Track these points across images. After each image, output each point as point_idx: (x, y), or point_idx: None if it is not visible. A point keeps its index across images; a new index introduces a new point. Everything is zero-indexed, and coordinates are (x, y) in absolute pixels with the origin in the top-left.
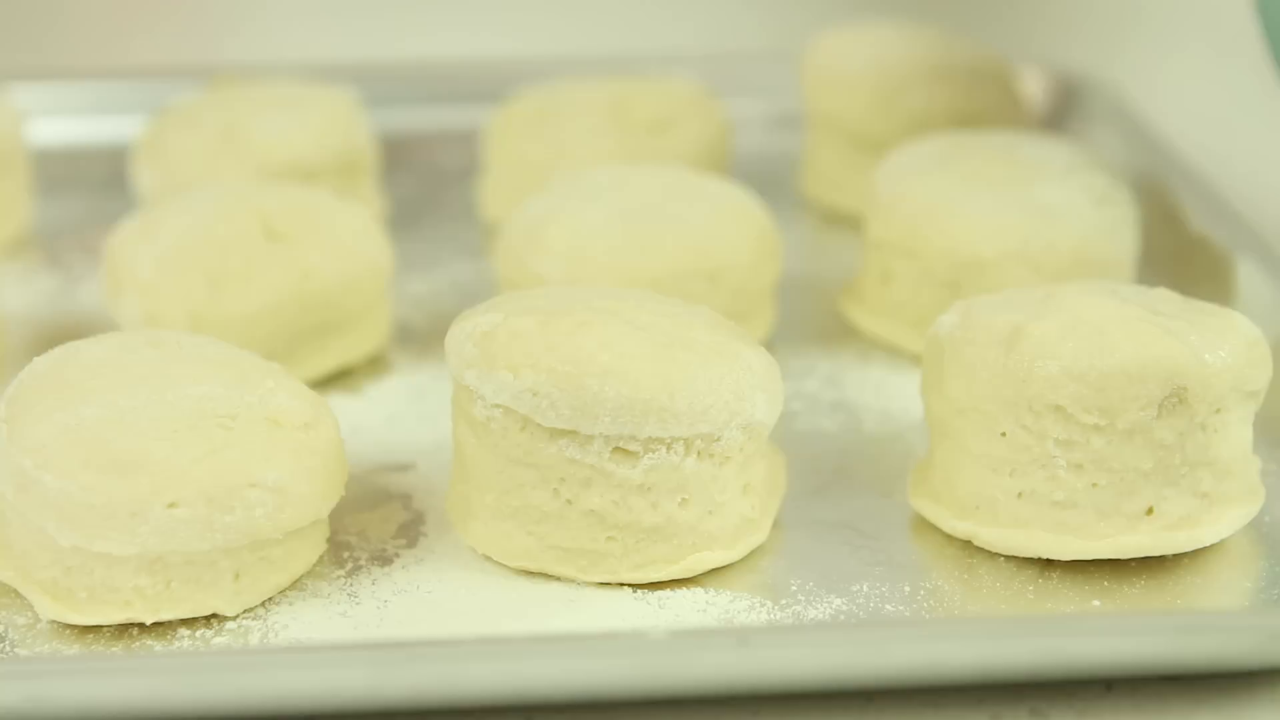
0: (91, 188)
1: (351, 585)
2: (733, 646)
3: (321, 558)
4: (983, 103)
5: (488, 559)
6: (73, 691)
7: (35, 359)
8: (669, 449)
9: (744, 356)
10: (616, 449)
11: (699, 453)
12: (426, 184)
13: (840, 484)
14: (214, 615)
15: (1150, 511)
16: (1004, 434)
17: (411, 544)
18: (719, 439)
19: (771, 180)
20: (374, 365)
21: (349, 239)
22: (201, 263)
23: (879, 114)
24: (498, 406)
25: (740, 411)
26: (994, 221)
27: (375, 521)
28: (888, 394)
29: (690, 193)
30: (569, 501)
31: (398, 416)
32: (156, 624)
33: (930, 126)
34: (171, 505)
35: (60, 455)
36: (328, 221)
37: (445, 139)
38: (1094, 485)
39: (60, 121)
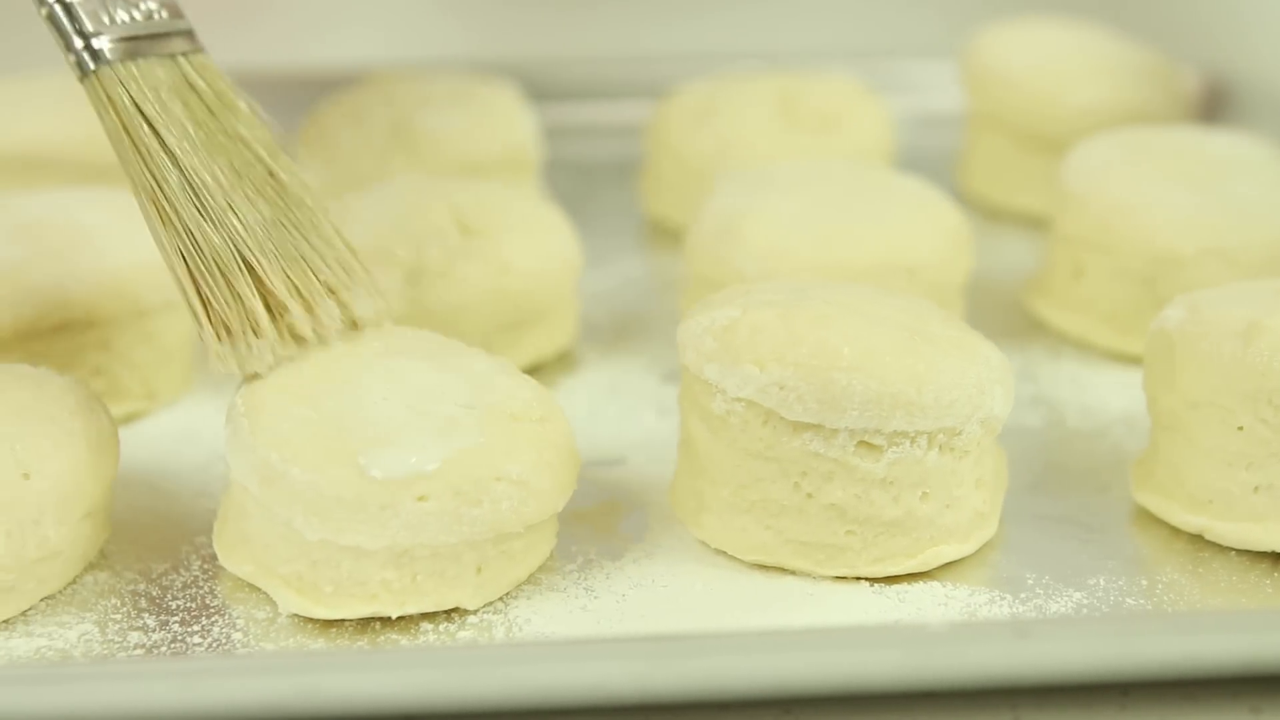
0: None
1: (585, 580)
2: (1013, 638)
3: (552, 552)
4: (1148, 99)
5: (720, 553)
6: (367, 685)
7: None
8: (913, 443)
9: (981, 350)
10: (861, 443)
11: (940, 447)
12: (583, 179)
13: (1054, 479)
14: (455, 609)
15: None
16: (1241, 428)
17: (638, 538)
18: (960, 433)
19: (928, 177)
20: (562, 361)
21: (543, 234)
22: (400, 257)
23: (1045, 111)
24: (739, 400)
25: (981, 405)
26: (1192, 217)
27: (597, 515)
28: (1085, 388)
29: (879, 187)
30: (809, 495)
31: (597, 412)
32: (400, 619)
33: (1096, 123)
34: (421, 498)
35: (307, 448)
36: (521, 217)
37: (600, 133)
38: None
39: None
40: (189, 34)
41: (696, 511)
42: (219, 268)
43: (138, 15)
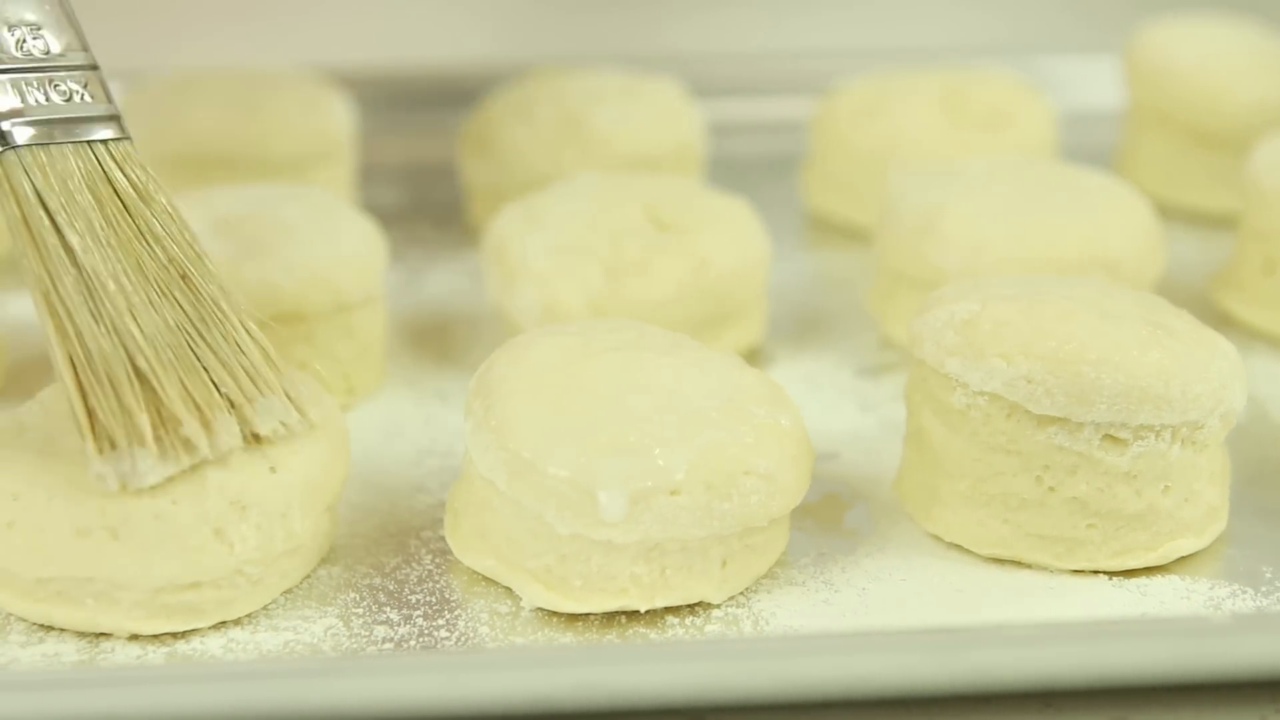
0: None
1: (822, 573)
2: None
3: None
4: None
5: (954, 547)
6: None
7: (494, 353)
8: (1158, 436)
9: (1219, 344)
10: (1106, 436)
11: (1183, 440)
12: (740, 174)
13: (1273, 472)
14: (700, 603)
15: None
16: None
17: (867, 532)
18: (1202, 426)
19: None
20: (752, 358)
21: (737, 228)
22: (597, 252)
23: (1215, 107)
24: (982, 394)
25: (1223, 399)
26: None
27: (820, 510)
28: None
29: (1068, 182)
30: (1051, 489)
31: (801, 406)
32: (646, 613)
33: (1265, 119)
34: (673, 493)
35: (559, 443)
36: (714, 211)
37: (749, 129)
38: None
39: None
40: (115, 119)
41: (929, 505)
42: (108, 377)
43: (56, 97)
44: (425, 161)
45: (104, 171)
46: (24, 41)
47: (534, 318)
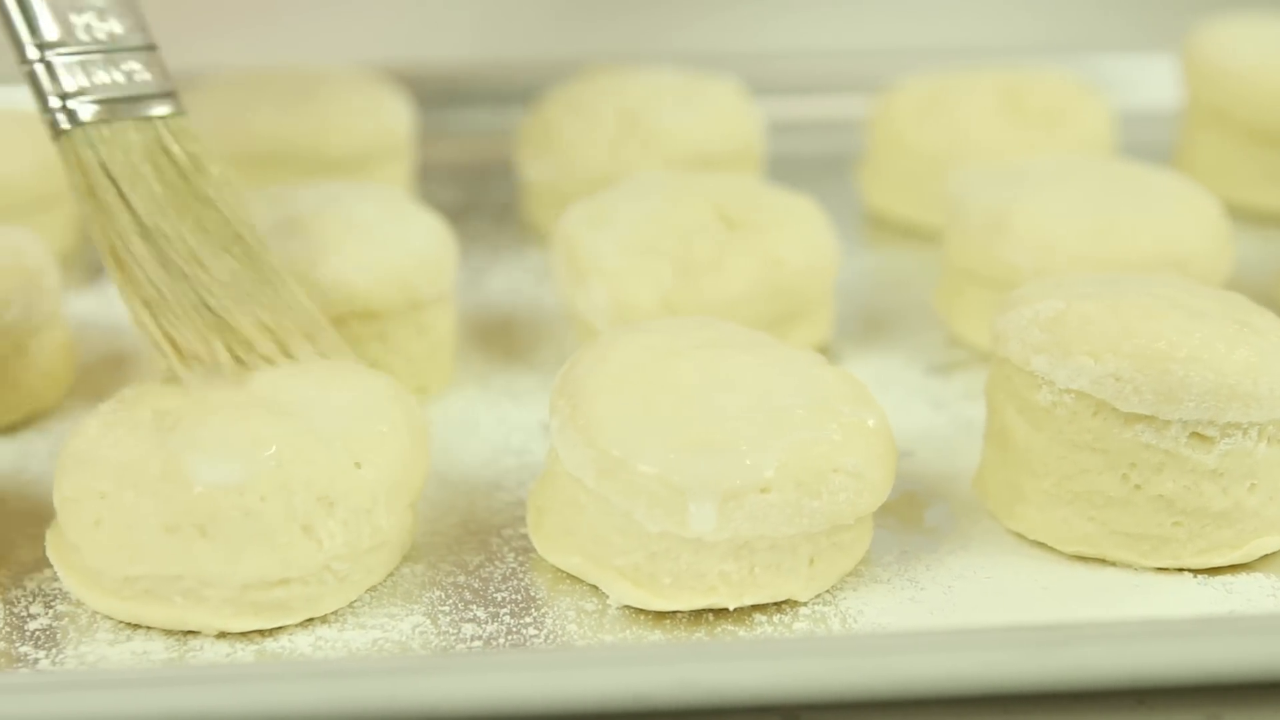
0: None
1: (906, 571)
2: None
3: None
4: None
5: (1036, 544)
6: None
7: (577, 351)
8: (1244, 434)
9: None
10: (1193, 434)
11: (1269, 438)
12: (795, 172)
13: None
14: (787, 601)
15: None
16: None
17: (947, 530)
18: None
19: None
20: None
21: (807, 226)
22: (668, 250)
23: (1272, 106)
24: (1069, 392)
25: None
26: None
27: (899, 507)
28: None
29: (1136, 181)
30: (1138, 487)
31: None
32: (734, 610)
33: None
34: (764, 491)
35: (649, 441)
36: (783, 209)
37: (801, 127)
38: None
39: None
40: (172, 96)
41: (1012, 503)
42: (183, 313)
43: (119, 76)
44: (481, 160)
45: (162, 144)
46: (90, 25)
47: (605, 316)
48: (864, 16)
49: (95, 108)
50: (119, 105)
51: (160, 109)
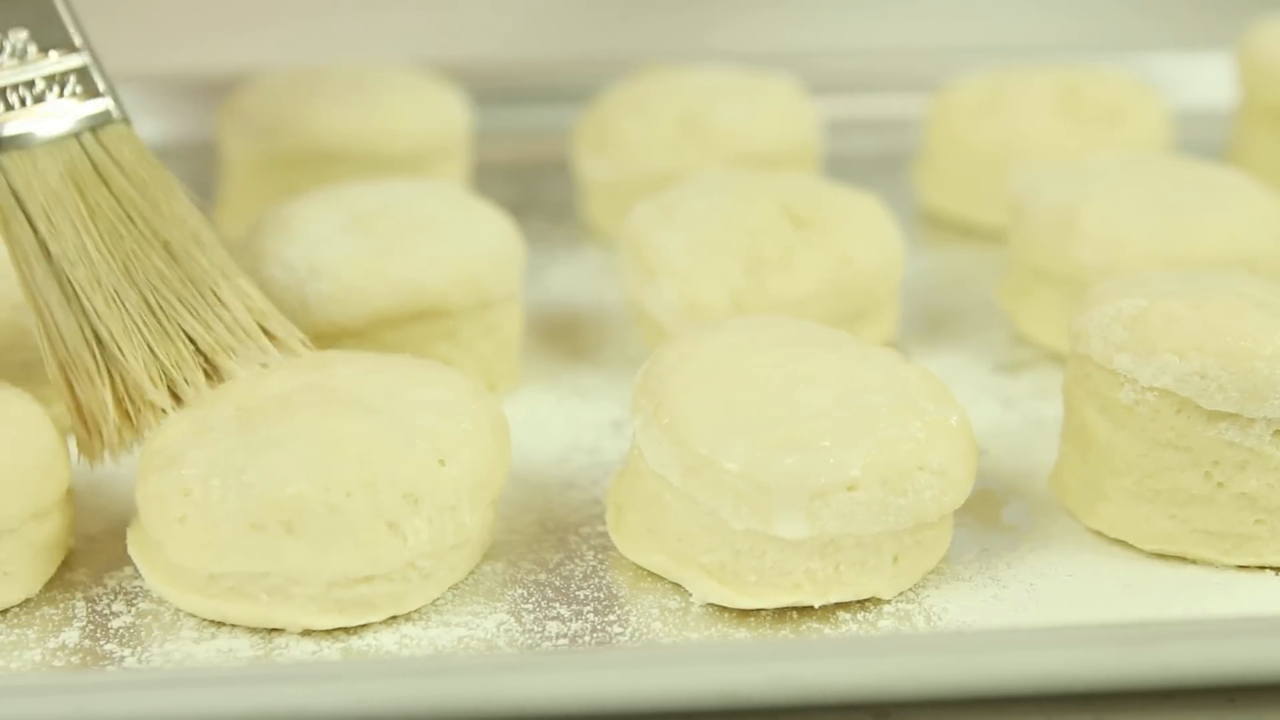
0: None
1: (988, 569)
2: None
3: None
4: None
5: (1116, 542)
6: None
7: (658, 349)
8: None
9: None
10: (1277, 432)
11: None
12: (849, 171)
13: None
14: (870, 599)
15: None
16: None
17: (1026, 528)
18: None
19: None
20: None
21: (874, 224)
22: (737, 248)
23: None
24: (1152, 390)
25: None
26: None
27: (976, 505)
28: None
29: (1202, 179)
30: (1220, 484)
31: None
32: (819, 608)
33: None
34: (850, 488)
35: (735, 439)
36: (849, 208)
37: (855, 126)
38: None
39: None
40: (105, 108)
41: (1092, 501)
42: (76, 354)
43: (38, 93)
44: (535, 158)
45: (90, 158)
46: (14, 47)
47: (674, 315)
48: (919, 16)
49: (11, 133)
50: (37, 126)
51: (90, 122)
